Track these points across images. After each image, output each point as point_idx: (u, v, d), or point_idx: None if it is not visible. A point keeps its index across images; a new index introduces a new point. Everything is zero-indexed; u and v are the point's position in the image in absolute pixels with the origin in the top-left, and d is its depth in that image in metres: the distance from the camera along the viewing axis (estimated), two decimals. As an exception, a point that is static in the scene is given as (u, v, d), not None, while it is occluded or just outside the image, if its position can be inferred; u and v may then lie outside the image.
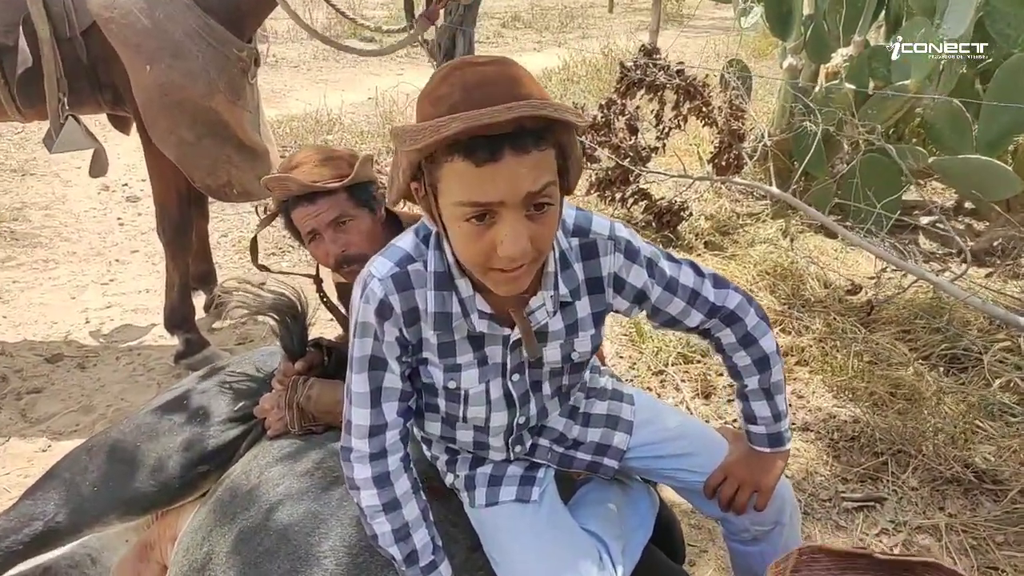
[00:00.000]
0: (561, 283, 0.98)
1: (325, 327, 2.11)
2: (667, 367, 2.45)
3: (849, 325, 2.60)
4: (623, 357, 2.55)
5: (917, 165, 3.19)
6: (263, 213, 1.47)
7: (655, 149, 3.65)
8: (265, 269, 1.56)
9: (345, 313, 1.50)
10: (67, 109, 2.17)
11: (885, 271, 2.84)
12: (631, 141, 3.56)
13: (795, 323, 2.67)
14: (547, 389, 1.08)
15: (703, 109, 3.54)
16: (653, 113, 3.69)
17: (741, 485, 1.14)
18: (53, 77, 2.11)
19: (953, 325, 2.52)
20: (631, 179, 3.55)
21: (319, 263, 1.39)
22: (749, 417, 1.17)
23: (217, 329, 2.80)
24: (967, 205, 3.73)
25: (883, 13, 3.89)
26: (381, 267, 0.95)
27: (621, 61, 3.72)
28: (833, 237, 3.37)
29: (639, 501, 1.25)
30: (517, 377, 1.04)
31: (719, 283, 1.10)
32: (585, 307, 1.02)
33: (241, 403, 1.42)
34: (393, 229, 1.35)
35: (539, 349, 1.01)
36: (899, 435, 2.05)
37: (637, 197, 3.57)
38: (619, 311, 1.07)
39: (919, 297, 2.75)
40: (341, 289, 1.54)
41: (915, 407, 2.18)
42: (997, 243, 3.17)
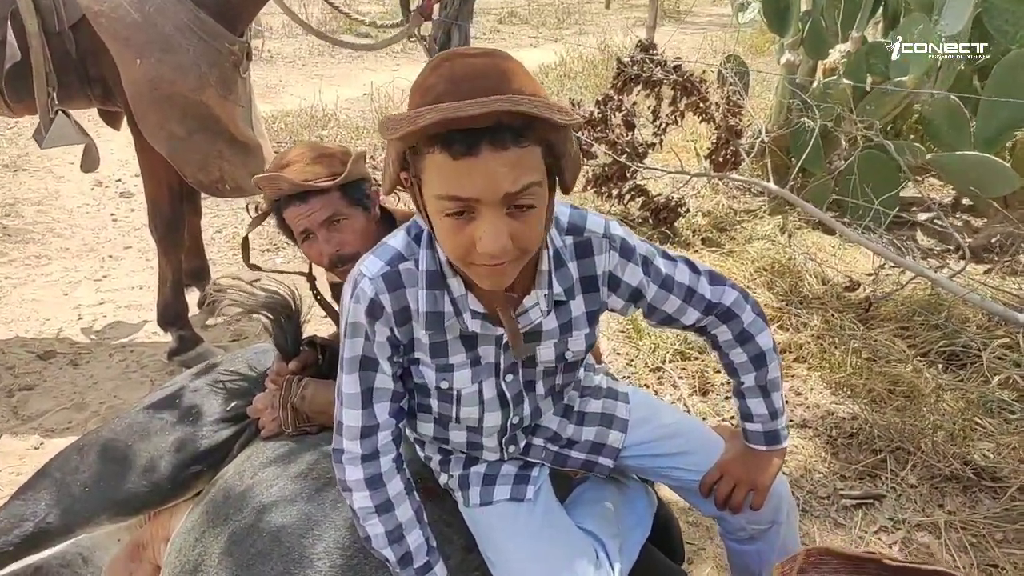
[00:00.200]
0: (555, 282, 0.97)
1: (319, 324, 2.10)
2: (664, 364, 2.44)
3: (847, 322, 2.59)
4: (620, 354, 2.54)
5: (915, 161, 3.19)
6: (254, 212, 1.45)
7: (652, 145, 3.64)
8: (257, 268, 1.54)
9: (339, 311, 1.49)
10: (56, 104, 2.15)
11: (883, 267, 2.84)
12: (628, 137, 3.55)
13: (793, 320, 2.66)
14: (541, 389, 1.07)
15: (700, 105, 3.53)
16: (650, 109, 3.68)
17: (737, 483, 1.13)
18: (42, 71, 2.09)
19: (952, 322, 2.51)
20: (628, 175, 3.53)
21: (312, 262, 1.38)
22: (745, 414, 1.15)
23: (211, 326, 2.78)
24: (965, 201, 3.73)
25: (881, 9, 3.88)
26: (371, 266, 0.94)
27: (618, 57, 3.71)
28: (831, 233, 3.36)
29: (636, 500, 1.24)
30: (511, 377, 1.02)
31: (715, 280, 1.08)
32: (579, 306, 1.01)
33: (234, 402, 1.41)
34: (387, 227, 1.33)
35: (526, 350, 0.99)
36: (898, 432, 2.04)
37: (634, 193, 3.57)
38: (614, 310, 1.06)
39: (917, 294, 2.75)
40: (335, 287, 1.53)
41: (914, 404, 2.18)
42: (995, 239, 3.17)
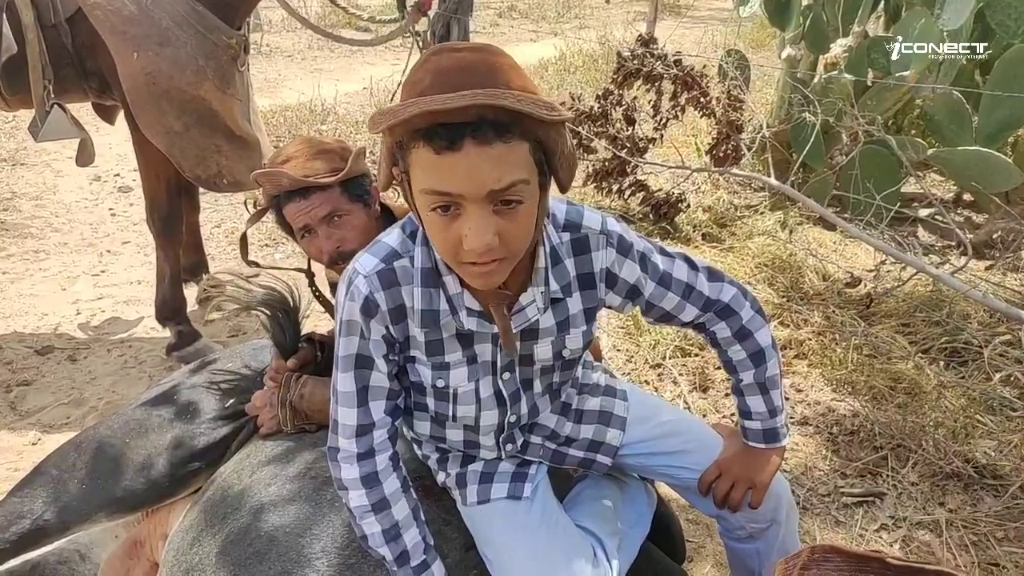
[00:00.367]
0: (552, 279, 0.96)
1: (318, 321, 2.09)
2: (664, 360, 2.43)
3: (848, 318, 2.58)
4: (620, 350, 2.53)
5: (916, 157, 3.17)
6: (253, 207, 1.43)
7: (652, 140, 3.62)
8: (256, 264, 1.53)
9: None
10: (52, 97, 2.14)
11: (884, 263, 2.83)
12: (628, 132, 3.54)
13: (793, 316, 2.65)
14: (538, 387, 1.06)
15: (701, 100, 3.52)
16: (650, 104, 3.66)
17: (736, 482, 1.12)
18: (38, 64, 2.07)
19: (953, 318, 2.50)
20: (628, 170, 3.52)
21: (312, 259, 1.37)
22: (744, 412, 1.15)
23: (209, 321, 2.77)
24: (967, 197, 3.71)
25: (882, 3, 3.86)
26: (366, 263, 0.93)
27: (618, 51, 3.69)
28: (832, 229, 3.35)
29: (636, 498, 1.23)
30: (508, 375, 1.02)
31: (713, 276, 1.07)
32: (576, 303, 1.00)
33: (232, 400, 1.40)
34: (387, 224, 1.31)
35: (518, 348, 0.98)
36: (899, 429, 2.03)
37: (634, 188, 3.55)
38: (611, 307, 1.05)
39: (919, 290, 2.73)
40: (335, 284, 1.52)
41: (915, 401, 2.17)
42: (997, 235, 3.15)
